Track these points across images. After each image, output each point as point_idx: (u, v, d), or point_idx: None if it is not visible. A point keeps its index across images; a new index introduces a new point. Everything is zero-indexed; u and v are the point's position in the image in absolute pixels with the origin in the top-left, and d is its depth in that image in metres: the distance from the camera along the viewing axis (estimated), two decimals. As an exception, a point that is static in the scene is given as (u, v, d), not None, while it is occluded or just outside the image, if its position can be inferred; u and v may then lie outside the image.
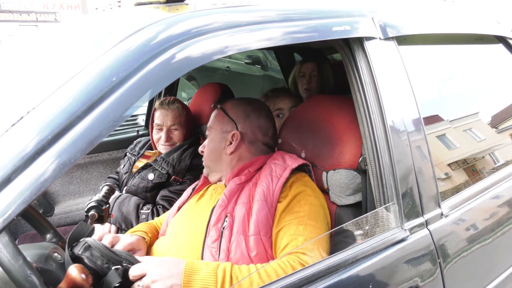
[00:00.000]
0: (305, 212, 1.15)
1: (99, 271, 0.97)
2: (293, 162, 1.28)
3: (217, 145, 1.38)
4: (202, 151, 1.43)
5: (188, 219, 1.29)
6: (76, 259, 1.00)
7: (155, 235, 1.42)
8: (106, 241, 1.24)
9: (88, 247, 0.99)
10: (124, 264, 0.98)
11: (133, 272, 0.96)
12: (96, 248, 0.99)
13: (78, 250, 1.00)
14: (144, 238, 1.33)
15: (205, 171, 1.43)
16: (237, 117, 1.39)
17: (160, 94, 2.58)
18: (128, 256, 1.03)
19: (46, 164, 0.66)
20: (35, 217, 1.09)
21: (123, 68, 0.73)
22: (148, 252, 1.30)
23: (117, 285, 0.93)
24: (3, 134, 0.68)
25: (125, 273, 0.96)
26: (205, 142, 1.43)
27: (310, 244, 1.06)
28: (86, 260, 0.98)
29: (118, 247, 1.21)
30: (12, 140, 0.67)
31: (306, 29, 0.99)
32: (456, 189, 1.26)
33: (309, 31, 1.00)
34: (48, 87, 0.72)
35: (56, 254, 0.99)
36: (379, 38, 1.11)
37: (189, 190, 1.49)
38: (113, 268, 0.96)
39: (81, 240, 1.03)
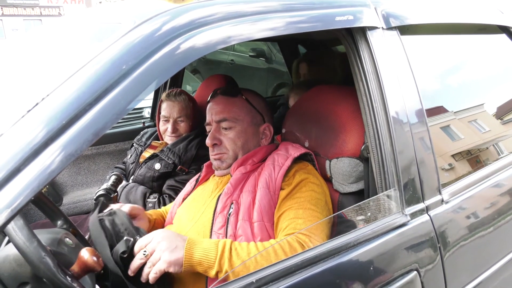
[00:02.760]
0: (306, 197, 1.18)
1: (114, 237, 1.05)
2: (295, 151, 1.30)
3: (250, 137, 1.36)
4: (215, 143, 1.35)
5: (194, 208, 1.32)
6: (98, 220, 1.09)
7: (161, 220, 1.46)
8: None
9: (113, 213, 1.08)
10: (137, 238, 1.03)
11: (140, 242, 1.01)
12: (118, 216, 1.07)
13: (103, 213, 1.10)
14: (147, 216, 1.39)
15: (219, 163, 1.37)
16: (262, 109, 1.41)
17: (166, 86, 2.60)
18: (145, 233, 1.08)
19: (54, 155, 0.67)
20: (46, 204, 1.13)
21: (133, 57, 0.75)
22: None
23: (123, 255, 0.99)
24: (18, 121, 0.70)
25: (134, 246, 1.01)
26: (225, 135, 1.34)
27: (310, 225, 1.10)
28: (106, 222, 1.07)
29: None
30: (23, 130, 0.69)
31: (309, 19, 1.01)
32: (457, 176, 1.28)
33: (312, 21, 1.02)
34: (60, 76, 0.75)
35: (67, 239, 1.03)
36: (382, 28, 1.12)
37: (192, 181, 1.52)
38: (125, 238, 1.02)
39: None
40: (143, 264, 0.99)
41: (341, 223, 1.14)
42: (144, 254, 0.98)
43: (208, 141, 1.37)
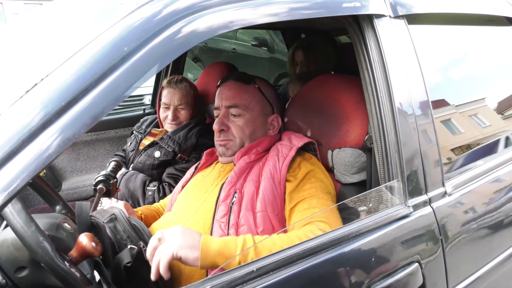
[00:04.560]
0: (317, 187, 1.17)
1: (116, 245, 1.00)
2: (298, 141, 1.30)
3: (259, 127, 1.36)
4: (223, 129, 1.33)
5: (195, 195, 1.31)
6: (97, 226, 1.03)
7: (154, 217, 1.44)
8: None
9: (113, 219, 1.02)
10: (141, 245, 1.00)
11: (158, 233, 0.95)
12: (120, 222, 1.02)
13: (104, 218, 1.03)
14: (134, 212, 1.36)
15: (224, 150, 1.35)
16: (272, 100, 1.40)
17: (167, 72, 2.58)
18: (149, 234, 1.06)
19: (51, 138, 0.66)
20: (45, 189, 1.12)
21: (135, 38, 0.73)
22: (152, 228, 1.32)
23: (128, 264, 0.95)
24: (17, 101, 0.69)
25: (139, 255, 0.97)
26: (233, 122, 1.33)
27: (326, 212, 1.08)
28: (108, 230, 1.01)
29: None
30: (21, 112, 0.68)
31: (314, 5, 0.98)
32: (461, 169, 1.26)
33: (317, 7, 0.99)
34: (60, 57, 0.73)
35: (66, 224, 1.02)
36: (389, 16, 1.10)
37: (191, 169, 1.51)
38: (129, 246, 0.98)
39: (110, 211, 1.06)
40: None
41: (343, 213, 1.13)
42: (159, 237, 0.93)
43: (215, 126, 1.35)
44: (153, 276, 0.90)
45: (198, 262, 0.90)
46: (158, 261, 0.90)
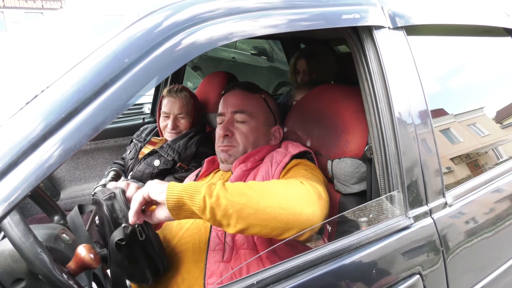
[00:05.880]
0: (302, 172, 1.17)
1: (112, 223, 1.01)
2: (294, 149, 1.31)
3: (261, 136, 1.38)
4: (227, 135, 1.34)
5: None
6: (96, 203, 1.05)
7: None
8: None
9: (112, 197, 1.03)
10: (136, 226, 1.00)
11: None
12: (118, 201, 1.03)
13: (103, 196, 1.04)
14: None
15: (226, 156, 1.35)
16: (276, 112, 1.43)
17: (167, 82, 2.58)
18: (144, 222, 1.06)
19: (52, 149, 0.66)
20: (43, 199, 1.11)
21: (135, 50, 0.73)
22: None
23: (120, 242, 0.96)
24: (17, 113, 0.68)
25: (132, 234, 0.98)
26: (237, 128, 1.34)
27: (306, 177, 1.09)
28: (104, 208, 1.02)
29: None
30: (21, 123, 0.68)
31: (313, 17, 0.99)
32: (461, 179, 1.26)
33: (317, 18, 1.00)
34: (61, 68, 0.73)
35: (64, 235, 1.01)
36: (388, 27, 1.11)
37: (192, 176, 1.50)
38: (123, 225, 0.99)
39: (111, 189, 1.07)
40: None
41: (344, 224, 1.13)
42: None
43: (220, 131, 1.36)
44: (130, 219, 0.94)
45: (164, 195, 0.91)
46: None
